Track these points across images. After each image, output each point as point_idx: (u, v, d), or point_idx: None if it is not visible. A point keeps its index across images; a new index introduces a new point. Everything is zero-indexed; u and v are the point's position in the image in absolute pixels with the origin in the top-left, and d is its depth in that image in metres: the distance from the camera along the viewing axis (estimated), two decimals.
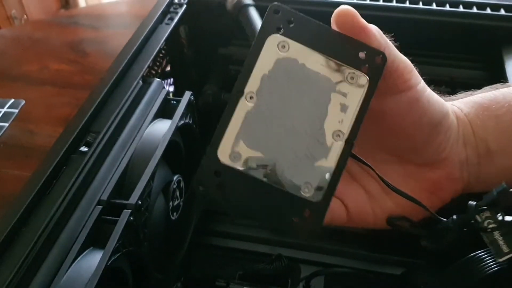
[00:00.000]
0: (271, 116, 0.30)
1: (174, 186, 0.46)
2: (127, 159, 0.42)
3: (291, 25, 0.31)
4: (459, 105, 0.39)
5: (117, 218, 0.38)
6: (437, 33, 0.55)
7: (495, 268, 0.39)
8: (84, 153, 0.41)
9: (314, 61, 0.31)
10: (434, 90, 0.38)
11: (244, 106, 0.30)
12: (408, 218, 0.38)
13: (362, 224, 0.38)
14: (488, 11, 0.54)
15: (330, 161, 0.30)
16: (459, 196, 0.39)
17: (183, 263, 0.52)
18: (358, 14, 0.32)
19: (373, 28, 0.32)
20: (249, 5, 0.51)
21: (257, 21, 0.51)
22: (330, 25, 0.32)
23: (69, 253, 0.36)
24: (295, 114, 0.31)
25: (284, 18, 0.31)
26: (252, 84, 0.31)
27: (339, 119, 0.31)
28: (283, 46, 0.31)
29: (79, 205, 0.38)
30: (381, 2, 0.55)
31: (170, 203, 0.46)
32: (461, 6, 0.54)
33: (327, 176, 0.30)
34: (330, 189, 0.30)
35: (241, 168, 0.30)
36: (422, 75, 0.38)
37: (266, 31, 0.31)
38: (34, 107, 0.76)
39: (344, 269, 0.53)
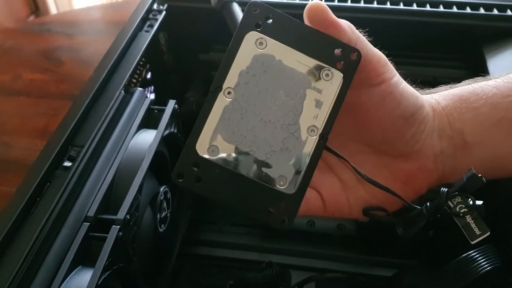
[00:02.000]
0: (248, 111, 0.32)
1: (161, 198, 0.45)
2: (113, 173, 0.41)
3: (269, 22, 0.32)
4: (437, 98, 0.39)
5: (106, 235, 0.37)
6: (418, 33, 0.55)
7: (488, 268, 0.40)
8: (68, 168, 0.40)
9: (291, 58, 0.32)
10: (415, 88, 0.38)
11: (222, 101, 0.32)
12: (383, 208, 0.39)
13: (338, 213, 0.39)
14: (468, 10, 0.54)
15: (304, 155, 0.32)
16: (436, 187, 0.39)
17: (172, 275, 0.51)
18: (329, 10, 0.33)
19: (344, 23, 0.33)
20: (232, 0, 0.51)
21: (240, 17, 0.51)
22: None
23: (57, 273, 0.34)
24: (272, 109, 0.32)
25: (263, 15, 0.32)
26: (230, 80, 0.32)
27: (314, 114, 0.32)
28: (261, 43, 0.32)
29: (66, 222, 0.37)
30: (362, 4, 0.54)
31: (158, 215, 0.45)
32: (441, 6, 0.54)
33: (302, 169, 0.32)
34: (304, 182, 0.32)
35: (218, 161, 0.31)
36: (404, 76, 0.38)
37: (245, 28, 0.32)
38: (9, 118, 0.74)
39: (335, 274, 0.52)
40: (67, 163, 0.40)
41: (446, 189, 0.37)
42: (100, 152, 0.42)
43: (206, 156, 0.31)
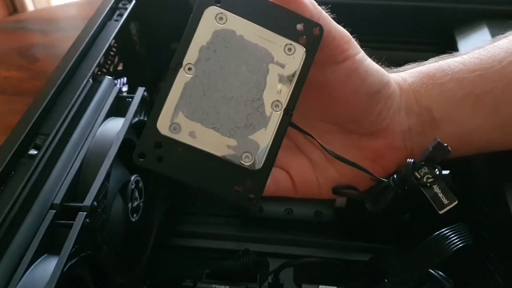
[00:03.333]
0: (210, 87, 0.31)
1: (132, 187, 0.45)
2: (80, 161, 0.40)
3: None
4: (404, 75, 0.40)
5: (72, 222, 0.36)
6: (389, 17, 0.55)
7: (460, 245, 0.40)
8: (33, 156, 0.39)
9: (252, 33, 0.32)
10: (384, 67, 0.38)
11: (182, 78, 0.31)
12: (352, 186, 0.39)
13: (308, 193, 0.39)
14: None
15: (269, 131, 0.32)
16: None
17: (148, 267, 0.51)
18: None
19: None
20: None
21: None
22: None
23: (21, 262, 0.34)
24: (234, 85, 0.31)
25: None
26: (191, 56, 0.31)
27: (277, 89, 0.32)
28: (221, 18, 0.31)
29: (31, 210, 0.36)
30: None
31: (129, 204, 0.45)
32: None
33: (266, 145, 0.31)
34: (269, 158, 0.32)
35: (180, 139, 0.31)
36: (374, 60, 0.38)
37: (204, 3, 0.31)
38: None
39: (312, 259, 0.52)
40: (33, 151, 0.39)
41: (412, 160, 0.37)
42: (67, 140, 0.41)
43: (168, 134, 0.31)
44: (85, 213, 0.37)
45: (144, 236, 0.51)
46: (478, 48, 0.41)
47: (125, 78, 0.59)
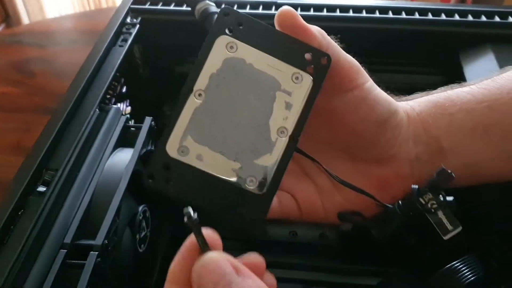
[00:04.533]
0: (218, 113, 0.32)
1: (140, 218, 0.44)
2: (89, 196, 0.40)
3: (241, 27, 0.33)
4: (413, 104, 0.40)
5: (84, 262, 0.36)
6: (394, 41, 0.55)
7: (472, 278, 0.40)
8: (43, 193, 0.38)
9: (261, 61, 0.33)
10: (392, 95, 0.38)
11: (193, 103, 0.32)
12: (358, 212, 0.39)
13: (314, 218, 0.40)
14: (443, 17, 0.54)
15: (274, 156, 0.32)
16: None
17: None
18: (298, 15, 0.34)
19: (315, 29, 0.34)
20: (215, 13, 0.51)
21: None
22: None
23: None
24: (242, 111, 0.32)
25: (234, 20, 0.33)
26: (201, 82, 0.32)
27: (283, 116, 0.33)
28: (232, 47, 0.33)
29: (42, 251, 0.36)
30: (337, 13, 0.54)
31: (137, 236, 0.44)
32: (416, 13, 0.54)
33: (271, 170, 0.32)
34: (274, 183, 0.32)
35: (188, 162, 0.32)
36: (382, 83, 0.38)
37: (216, 32, 0.33)
38: None
39: None
40: (42, 188, 0.39)
41: (417, 186, 0.37)
42: (75, 174, 0.41)
43: (176, 157, 0.32)
44: (97, 252, 0.36)
45: (151, 264, 0.50)
46: (487, 78, 0.41)
47: (128, 101, 0.58)
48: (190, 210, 0.27)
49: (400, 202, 0.38)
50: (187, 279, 0.28)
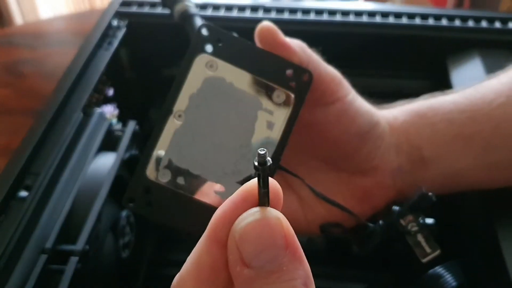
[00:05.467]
0: (199, 134, 0.32)
1: (124, 223, 0.44)
2: (71, 201, 0.40)
3: (220, 44, 0.32)
4: (396, 113, 0.40)
5: (64, 267, 0.36)
6: (382, 45, 0.55)
7: (453, 284, 0.40)
8: (24, 198, 0.38)
9: (242, 80, 0.32)
10: (377, 102, 0.38)
11: (172, 125, 0.32)
12: (339, 225, 0.39)
13: (296, 229, 0.38)
14: (431, 22, 0.54)
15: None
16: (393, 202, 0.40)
17: None
18: (279, 31, 0.33)
19: (295, 43, 0.34)
20: (194, 14, 0.50)
21: None
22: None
23: None
24: (223, 132, 0.32)
25: (213, 37, 0.32)
26: (181, 103, 0.32)
27: (265, 136, 0.32)
28: (211, 66, 0.32)
29: (22, 256, 0.36)
30: (325, 18, 0.54)
31: (121, 241, 0.44)
32: (404, 18, 0.54)
33: None
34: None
35: (169, 185, 0.31)
36: (367, 88, 0.38)
37: (195, 50, 0.32)
38: None
39: None
40: (23, 193, 0.39)
41: (398, 208, 0.38)
42: (57, 179, 0.40)
43: (157, 180, 0.31)
44: (77, 257, 0.36)
45: (135, 269, 0.50)
46: (469, 87, 0.41)
47: (115, 103, 0.58)
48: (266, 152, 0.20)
49: (380, 222, 0.38)
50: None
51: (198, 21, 0.54)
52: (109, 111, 0.56)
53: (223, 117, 0.32)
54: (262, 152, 0.20)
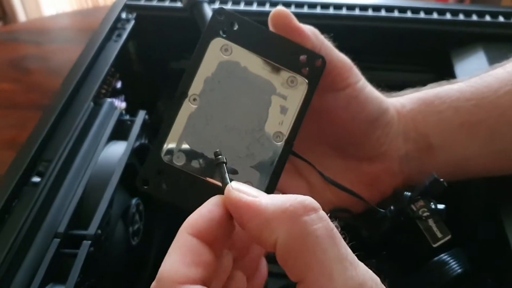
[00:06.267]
0: (213, 118, 0.32)
1: (134, 210, 0.45)
2: (83, 187, 0.40)
3: (235, 29, 0.32)
4: (403, 101, 0.40)
5: (77, 251, 0.36)
6: (387, 39, 0.56)
7: (459, 271, 0.40)
8: (37, 184, 0.39)
9: (256, 64, 0.32)
10: (383, 93, 0.39)
11: (187, 108, 0.32)
12: (348, 210, 0.39)
13: None
14: (435, 16, 0.55)
15: (270, 161, 0.32)
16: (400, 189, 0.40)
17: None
18: (293, 16, 0.34)
19: (308, 29, 0.34)
20: (203, 1, 0.51)
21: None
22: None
23: None
24: (237, 116, 0.32)
25: (228, 21, 0.32)
26: (196, 87, 0.32)
27: (279, 120, 0.32)
28: (226, 50, 0.32)
29: (35, 240, 0.36)
30: (331, 11, 0.55)
31: (130, 228, 0.45)
32: (409, 12, 0.55)
33: (267, 175, 0.32)
34: (270, 188, 0.32)
35: (183, 168, 0.31)
36: (373, 81, 0.39)
37: (210, 34, 0.32)
38: None
39: None
40: (36, 179, 0.39)
41: (409, 194, 0.38)
42: (69, 166, 0.41)
43: (171, 162, 0.32)
44: (90, 241, 0.37)
45: (144, 258, 0.51)
46: (475, 76, 0.42)
47: (123, 96, 0.59)
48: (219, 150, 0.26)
49: (391, 207, 0.39)
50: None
51: (207, 8, 0.54)
52: (117, 104, 0.56)
53: (237, 101, 0.32)
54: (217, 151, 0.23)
